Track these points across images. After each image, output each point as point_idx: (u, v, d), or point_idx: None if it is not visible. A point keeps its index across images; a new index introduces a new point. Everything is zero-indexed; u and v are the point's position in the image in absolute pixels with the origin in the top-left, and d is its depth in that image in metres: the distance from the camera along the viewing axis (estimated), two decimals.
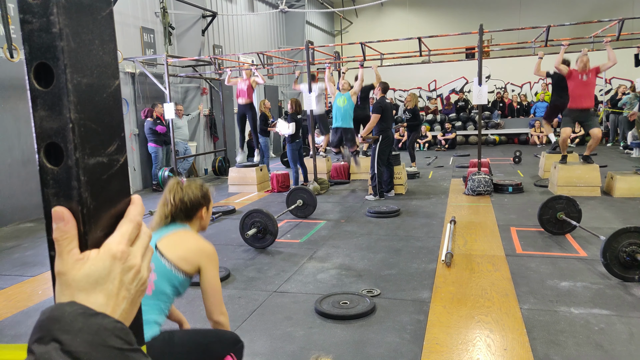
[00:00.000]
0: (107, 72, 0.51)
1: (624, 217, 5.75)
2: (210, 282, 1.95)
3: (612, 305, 3.38)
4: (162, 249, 1.92)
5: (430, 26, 19.30)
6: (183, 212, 2.06)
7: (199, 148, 11.37)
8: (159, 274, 1.87)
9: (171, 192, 2.05)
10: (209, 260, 1.97)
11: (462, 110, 15.99)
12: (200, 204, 2.09)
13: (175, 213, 2.05)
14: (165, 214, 2.04)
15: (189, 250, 1.95)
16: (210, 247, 2.01)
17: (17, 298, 4.05)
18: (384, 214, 6.32)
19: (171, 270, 1.89)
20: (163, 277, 1.88)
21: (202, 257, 1.95)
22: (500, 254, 4.60)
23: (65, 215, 0.47)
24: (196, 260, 1.94)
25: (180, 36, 11.07)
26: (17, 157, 6.93)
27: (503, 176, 8.95)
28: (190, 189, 2.08)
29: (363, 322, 3.28)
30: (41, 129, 0.48)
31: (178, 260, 1.90)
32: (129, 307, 0.50)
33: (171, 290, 1.90)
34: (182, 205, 2.05)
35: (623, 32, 7.66)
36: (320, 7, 18.62)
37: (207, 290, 1.95)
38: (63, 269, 0.47)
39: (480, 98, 7.41)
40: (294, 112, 8.41)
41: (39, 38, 0.46)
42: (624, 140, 12.14)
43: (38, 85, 0.47)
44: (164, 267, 1.89)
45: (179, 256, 1.91)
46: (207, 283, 1.95)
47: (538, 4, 18.33)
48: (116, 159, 0.52)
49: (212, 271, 1.96)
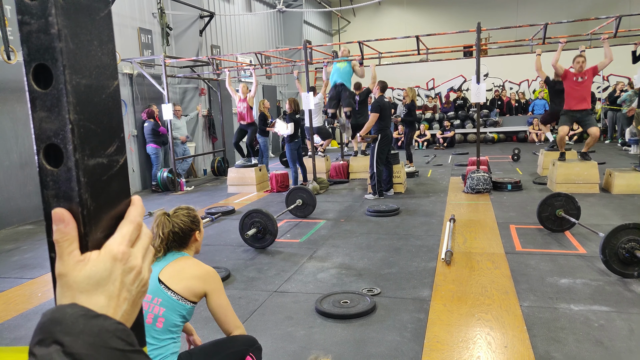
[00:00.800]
0: (106, 73, 0.51)
1: (622, 213, 5.76)
2: (218, 304, 1.99)
3: (611, 301, 3.38)
4: (166, 281, 1.93)
5: (428, 24, 19.31)
6: (177, 242, 2.07)
7: (197, 148, 11.36)
8: (167, 307, 1.89)
9: (159, 226, 2.04)
10: (214, 284, 1.99)
11: (460, 109, 16.00)
12: (191, 230, 2.11)
13: (169, 244, 2.06)
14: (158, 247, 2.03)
15: (192, 278, 1.96)
16: (211, 270, 2.04)
17: (16, 301, 4.04)
18: (384, 213, 6.32)
19: (178, 302, 1.91)
20: (171, 309, 1.90)
21: (206, 284, 1.97)
22: (499, 251, 4.61)
23: (65, 217, 0.47)
24: (201, 288, 1.96)
25: (178, 37, 11.06)
26: (14, 160, 6.91)
27: (502, 174, 8.96)
28: (178, 219, 2.09)
29: (363, 321, 3.28)
30: (40, 130, 0.48)
31: (184, 291, 1.92)
32: (130, 308, 0.50)
33: (180, 320, 1.93)
34: (175, 236, 2.06)
35: (620, 29, 7.67)
36: (317, 6, 18.61)
37: (218, 312, 1.99)
38: (64, 270, 0.47)
39: (479, 96, 7.42)
40: (292, 112, 8.41)
41: (37, 39, 0.46)
42: (622, 137, 12.16)
43: (37, 87, 0.47)
44: (171, 299, 1.90)
45: (184, 287, 1.93)
46: (216, 306, 1.98)
47: (535, 2, 18.35)
48: (116, 160, 0.52)
49: (218, 293, 2.00)
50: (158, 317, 1.86)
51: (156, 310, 1.86)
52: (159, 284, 1.91)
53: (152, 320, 1.85)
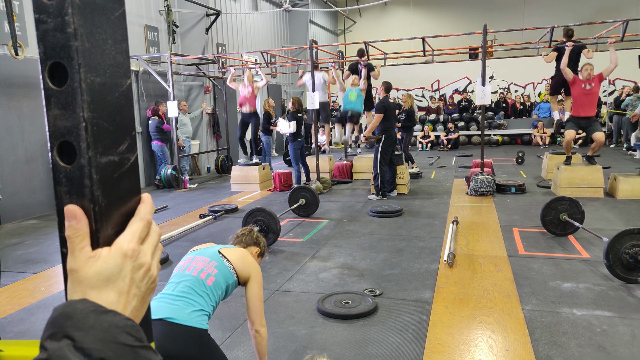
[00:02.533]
0: (120, 72, 0.51)
1: (627, 218, 5.74)
2: (254, 292, 2.21)
3: (614, 306, 3.37)
4: (225, 253, 2.23)
5: (433, 26, 19.28)
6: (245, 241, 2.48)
7: (201, 146, 11.39)
8: (220, 271, 2.14)
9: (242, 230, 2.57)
10: (257, 275, 2.25)
11: (465, 111, 15.97)
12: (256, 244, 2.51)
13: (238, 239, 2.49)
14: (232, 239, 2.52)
15: (245, 261, 2.25)
16: (259, 268, 2.32)
17: (20, 295, 4.06)
18: (387, 214, 6.32)
19: (230, 271, 2.16)
20: (222, 274, 2.13)
21: (253, 270, 2.24)
22: (502, 254, 4.60)
23: (77, 213, 0.48)
24: (248, 271, 2.22)
25: (184, 34, 11.09)
26: (20, 155, 6.95)
27: (506, 177, 8.94)
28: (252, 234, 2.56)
29: (365, 321, 3.29)
30: (55, 127, 0.48)
31: (236, 263, 2.20)
32: (139, 304, 0.51)
33: (224, 288, 2.13)
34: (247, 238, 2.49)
35: (627, 33, 7.64)
36: (324, 6, 18.62)
37: (252, 300, 2.20)
38: (75, 266, 0.48)
39: (484, 98, 7.41)
40: (295, 111, 8.41)
41: (53, 38, 0.47)
42: (628, 142, 12.11)
43: (52, 85, 0.48)
44: (225, 266, 2.16)
45: (237, 260, 2.22)
46: (252, 294, 2.21)
47: (542, 5, 18.29)
48: (127, 158, 0.53)
49: (258, 285, 2.23)
50: (210, 275, 2.09)
51: (211, 270, 2.11)
52: (218, 254, 2.20)
53: (205, 276, 2.08)
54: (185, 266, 2.14)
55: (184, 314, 1.91)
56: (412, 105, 9.84)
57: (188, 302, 1.97)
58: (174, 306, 1.93)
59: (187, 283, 2.03)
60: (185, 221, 6.45)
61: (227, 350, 2.96)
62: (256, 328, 2.20)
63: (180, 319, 1.89)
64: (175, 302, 1.95)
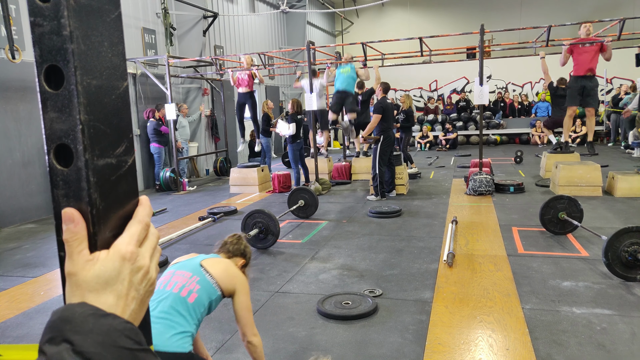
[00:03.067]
0: (116, 74, 0.51)
1: (625, 217, 5.75)
2: (242, 304, 2.14)
3: (614, 305, 3.38)
4: (206, 266, 2.12)
5: (431, 26, 19.29)
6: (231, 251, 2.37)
7: (200, 149, 11.38)
8: (202, 287, 2.04)
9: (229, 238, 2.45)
10: (243, 286, 2.18)
11: (463, 110, 15.99)
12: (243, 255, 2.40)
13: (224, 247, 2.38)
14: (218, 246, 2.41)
15: (229, 274, 2.16)
16: (245, 277, 2.26)
17: (19, 299, 4.05)
18: (386, 214, 6.32)
19: (213, 286, 2.07)
20: (205, 290, 2.04)
21: (238, 282, 2.16)
22: (502, 254, 4.60)
23: (75, 217, 0.48)
24: (233, 283, 2.14)
25: (181, 37, 11.08)
26: (17, 159, 6.93)
27: (504, 176, 8.95)
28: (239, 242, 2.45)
29: (365, 322, 3.28)
30: (51, 130, 0.48)
31: (219, 277, 2.10)
32: (138, 307, 0.51)
33: (207, 305, 2.05)
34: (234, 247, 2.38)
35: (624, 32, 7.65)
36: (321, 7, 18.63)
37: (241, 312, 2.14)
38: (73, 269, 0.48)
39: (482, 98, 7.42)
40: (294, 113, 8.42)
41: (49, 41, 0.46)
42: (625, 140, 12.14)
43: (48, 87, 0.47)
44: (207, 281, 2.06)
45: (220, 274, 2.12)
46: (240, 306, 2.14)
47: (539, 4, 18.32)
48: (124, 160, 0.53)
49: (245, 296, 2.17)
50: (192, 292, 1.99)
51: (192, 285, 2.01)
52: (200, 267, 2.10)
53: (187, 293, 1.99)
54: (165, 282, 2.03)
55: (165, 339, 1.83)
56: (411, 105, 9.92)
57: (169, 324, 1.87)
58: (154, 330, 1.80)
59: (168, 302, 1.93)
60: (184, 224, 6.44)
61: (227, 353, 2.96)
62: (248, 339, 2.15)
63: (161, 345, 1.80)
64: (155, 325, 1.82)
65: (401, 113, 9.76)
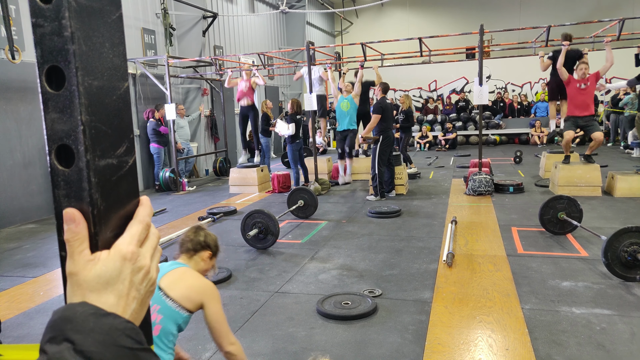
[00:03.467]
0: (117, 75, 0.51)
1: (625, 217, 5.75)
2: (214, 317, 1.99)
3: (613, 305, 3.38)
4: (165, 288, 1.94)
5: (430, 26, 19.31)
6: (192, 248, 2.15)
7: (199, 149, 11.38)
8: (165, 315, 1.89)
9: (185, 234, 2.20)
10: (211, 297, 2.00)
11: (462, 111, 16.00)
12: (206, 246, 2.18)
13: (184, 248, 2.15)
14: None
15: (190, 288, 1.98)
16: (210, 284, 2.06)
17: (19, 299, 4.05)
18: (385, 215, 6.32)
19: (176, 310, 1.92)
20: (168, 317, 1.90)
21: (204, 295, 1.99)
22: (501, 254, 4.60)
23: (76, 217, 0.48)
24: (198, 299, 1.97)
25: (181, 37, 11.08)
26: (18, 159, 6.93)
27: (504, 176, 8.95)
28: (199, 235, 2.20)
29: (365, 322, 3.28)
30: (52, 131, 0.48)
31: (181, 299, 1.93)
32: (138, 307, 0.51)
33: (176, 329, 1.93)
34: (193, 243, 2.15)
35: (623, 32, 7.66)
36: (320, 7, 18.64)
37: (213, 325, 1.99)
38: (74, 269, 0.48)
39: (481, 98, 7.42)
40: (293, 113, 8.42)
41: (50, 41, 0.47)
42: (625, 140, 12.15)
43: (49, 88, 0.48)
44: (168, 307, 1.91)
45: (182, 295, 1.94)
46: (211, 318, 1.98)
47: (538, 4, 18.34)
48: (125, 161, 0.53)
49: (215, 306, 2.00)
50: (155, 324, 1.85)
51: (153, 317, 1.85)
52: (158, 291, 1.91)
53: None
54: None
55: None
56: (410, 105, 9.92)
57: None
58: None
59: None
60: (184, 224, 6.44)
61: None
62: (226, 350, 1.99)
63: None
64: None
65: (400, 113, 9.76)
